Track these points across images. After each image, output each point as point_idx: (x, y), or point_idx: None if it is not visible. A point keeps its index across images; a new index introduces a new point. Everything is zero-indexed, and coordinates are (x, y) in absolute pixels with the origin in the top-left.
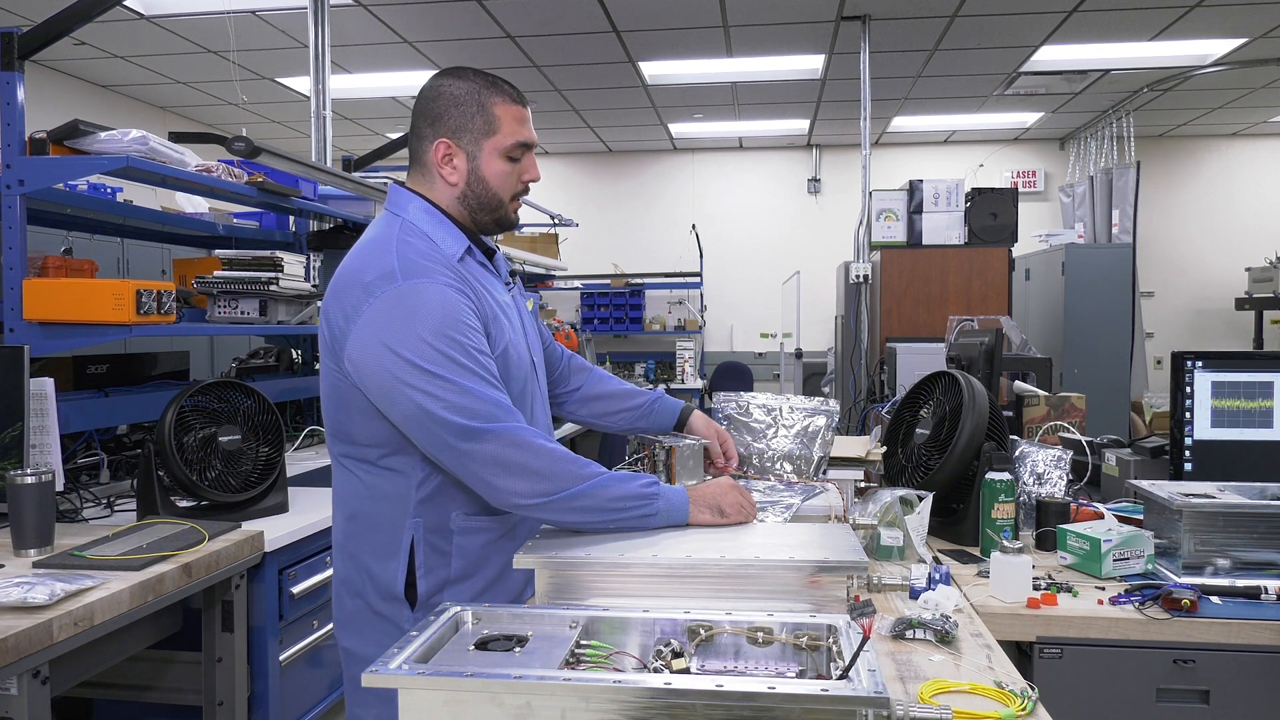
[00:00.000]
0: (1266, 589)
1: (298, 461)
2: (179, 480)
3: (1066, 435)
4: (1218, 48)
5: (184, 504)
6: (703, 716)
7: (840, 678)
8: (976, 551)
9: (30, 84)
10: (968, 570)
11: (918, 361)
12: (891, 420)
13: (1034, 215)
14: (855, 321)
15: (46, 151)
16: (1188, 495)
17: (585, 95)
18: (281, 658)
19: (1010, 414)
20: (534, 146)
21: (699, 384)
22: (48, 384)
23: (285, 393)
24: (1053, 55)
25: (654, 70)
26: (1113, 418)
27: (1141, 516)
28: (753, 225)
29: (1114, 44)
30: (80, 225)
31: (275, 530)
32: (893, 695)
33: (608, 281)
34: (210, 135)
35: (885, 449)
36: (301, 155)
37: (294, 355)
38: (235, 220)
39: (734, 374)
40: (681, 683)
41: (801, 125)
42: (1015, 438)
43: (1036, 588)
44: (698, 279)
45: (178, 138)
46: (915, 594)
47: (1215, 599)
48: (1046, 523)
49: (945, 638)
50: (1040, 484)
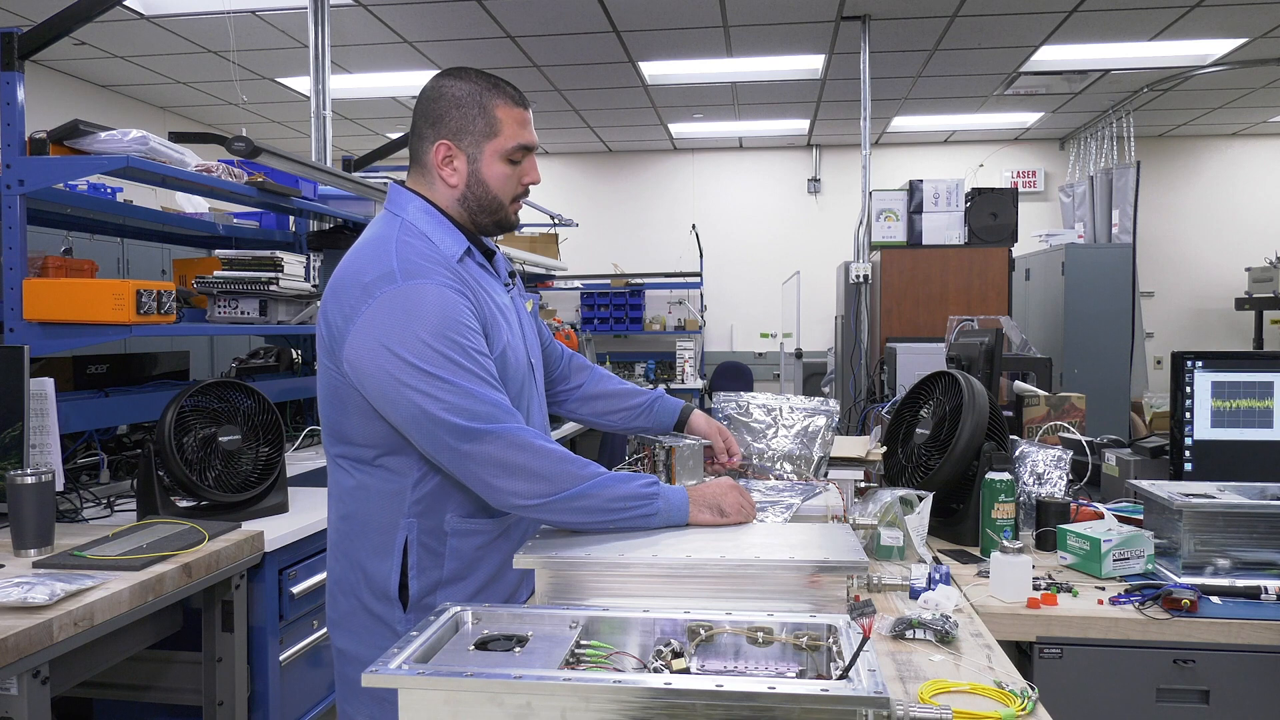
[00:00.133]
0: (1266, 589)
1: (298, 461)
2: (179, 480)
3: (1066, 435)
4: (1218, 48)
5: (184, 504)
6: (703, 716)
7: (840, 678)
8: (976, 551)
9: (30, 84)
10: (968, 570)
11: (918, 361)
12: (891, 420)
13: (1034, 215)
14: (855, 321)
15: (46, 151)
16: (1188, 495)
17: (585, 95)
18: (281, 658)
19: (1010, 414)
20: (535, 149)
21: (699, 384)
22: (48, 384)
23: (285, 393)
24: (1053, 55)
25: (654, 70)
26: (1113, 418)
27: (1141, 516)
28: (753, 225)
29: (1114, 44)
30: (80, 225)
31: (275, 530)
32: (893, 695)
33: (608, 281)
34: (210, 135)
35: (885, 449)
36: (301, 155)
37: (294, 355)
38: (235, 220)
39: (734, 374)
40: (681, 683)
41: (801, 125)
42: (1015, 438)
43: (1036, 588)
44: (698, 279)
45: (178, 138)
46: (915, 594)
47: (1215, 599)
48: (1046, 523)
49: (945, 638)
50: (1040, 484)
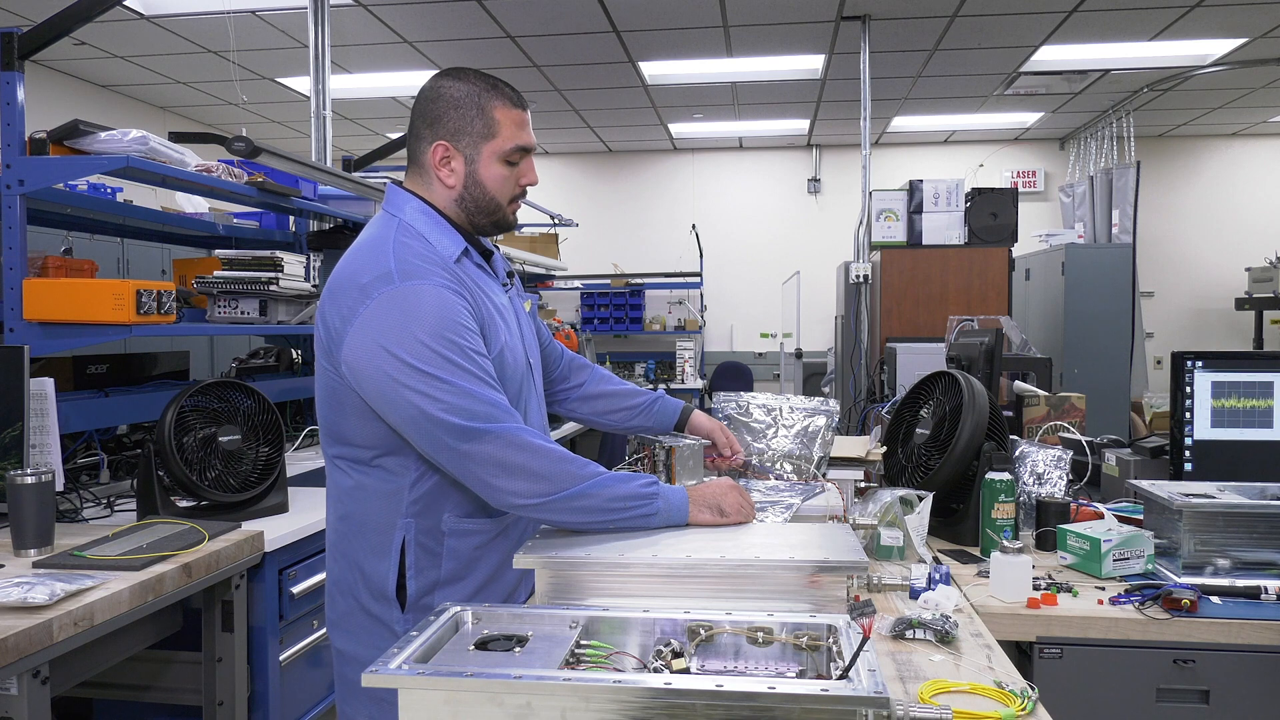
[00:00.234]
0: (1266, 589)
1: (298, 461)
2: (179, 480)
3: (1066, 435)
4: (1218, 48)
5: (184, 504)
6: (703, 716)
7: (840, 678)
8: (976, 551)
9: (30, 84)
10: (968, 570)
11: (918, 361)
12: (891, 420)
13: (1034, 215)
14: (855, 321)
15: (46, 151)
16: (1188, 495)
17: (585, 95)
18: (281, 658)
19: (1010, 414)
20: (533, 150)
21: (699, 384)
22: (48, 384)
23: (285, 393)
24: (1053, 55)
25: (654, 70)
26: (1113, 418)
27: (1141, 516)
28: (753, 225)
29: (1114, 44)
30: (80, 225)
31: (275, 530)
32: (893, 695)
33: (608, 281)
34: (210, 135)
35: (885, 449)
36: (301, 155)
37: (294, 355)
38: (235, 220)
39: (734, 374)
40: (681, 683)
41: (801, 125)
42: (1015, 438)
43: (1036, 588)
44: (698, 279)
45: (178, 138)
46: (915, 594)
47: (1215, 599)
48: (1046, 523)
49: (945, 638)
50: (1040, 484)
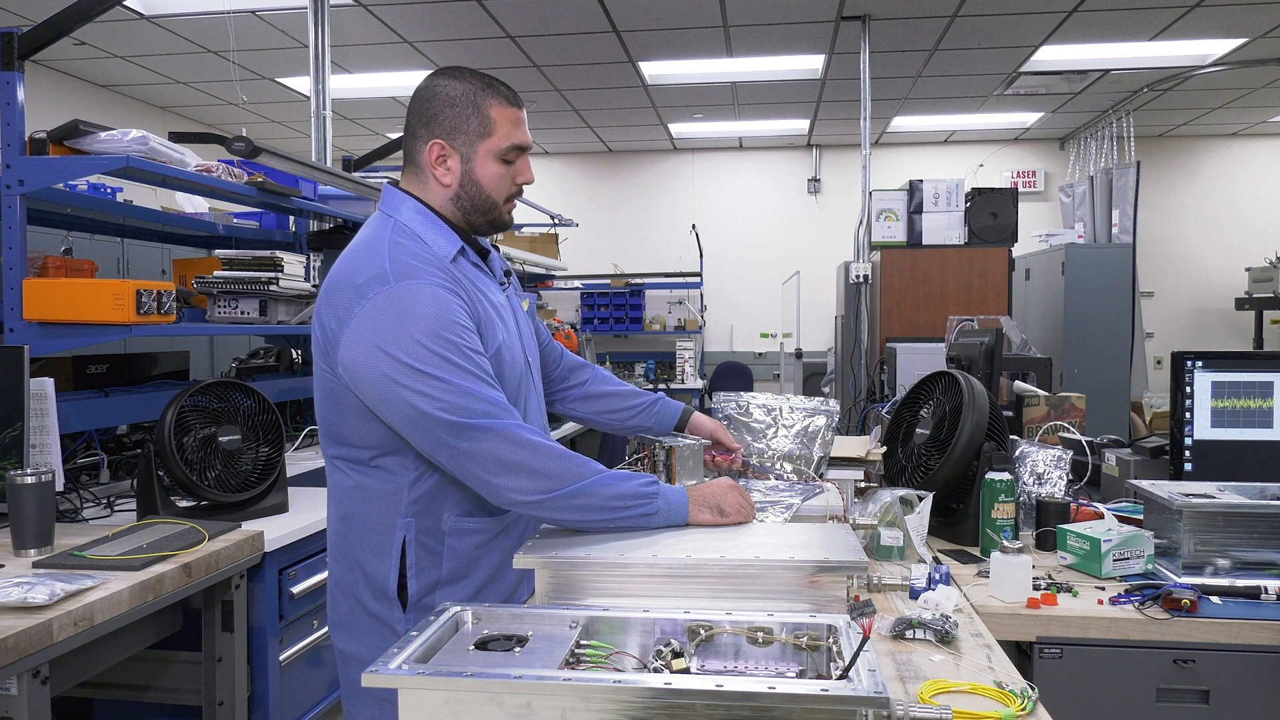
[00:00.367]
0: (1266, 589)
1: (298, 461)
2: (179, 480)
3: (1066, 435)
4: (1218, 48)
5: (184, 504)
6: (703, 716)
7: (840, 678)
8: (976, 551)
9: (30, 84)
10: (968, 570)
11: (918, 361)
12: (891, 420)
13: (1034, 215)
14: (855, 321)
15: (46, 151)
16: (1188, 495)
17: (585, 95)
18: (281, 658)
19: (1010, 414)
20: (529, 149)
21: (699, 384)
22: (48, 384)
23: (285, 393)
24: (1053, 55)
25: (654, 70)
26: (1113, 418)
27: (1141, 516)
28: (753, 225)
29: (1114, 44)
30: (80, 225)
31: (275, 530)
32: (893, 695)
33: (608, 281)
34: (210, 135)
35: (885, 449)
36: (301, 155)
37: (294, 355)
38: (235, 220)
39: (734, 374)
40: (681, 683)
41: (801, 125)
42: (1015, 438)
43: (1036, 588)
44: (698, 279)
45: (178, 138)
46: (915, 594)
47: (1215, 599)
48: (1046, 523)
49: (945, 638)
50: (1040, 484)
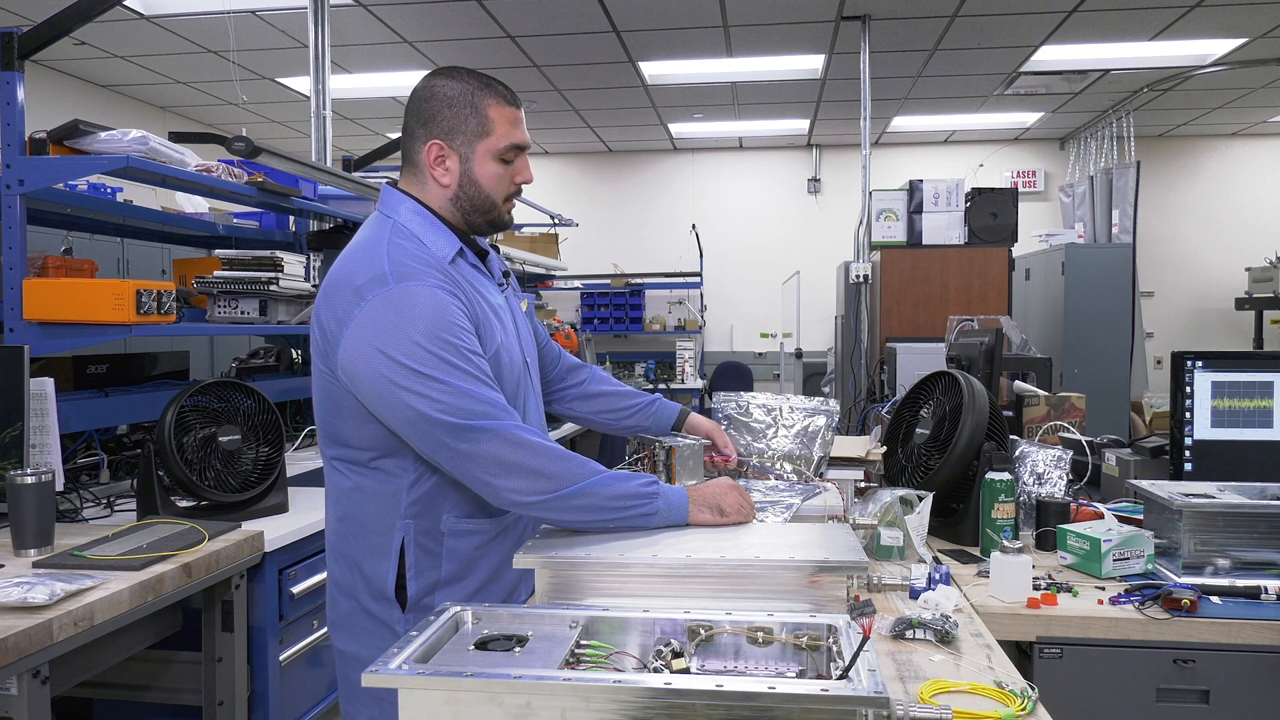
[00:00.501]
0: (1266, 589)
1: (298, 461)
2: (179, 480)
3: (1066, 435)
4: (1218, 48)
5: (184, 504)
6: (703, 716)
7: (840, 678)
8: (976, 551)
9: (30, 84)
10: (968, 570)
11: (918, 361)
12: (891, 420)
13: (1034, 215)
14: (855, 321)
15: (46, 151)
16: (1188, 495)
17: (585, 95)
18: (281, 658)
19: (1010, 414)
20: (527, 148)
21: (699, 384)
22: (48, 384)
23: (285, 393)
24: (1053, 55)
25: (654, 70)
26: (1113, 418)
27: (1141, 516)
28: (753, 225)
29: (1114, 44)
30: (80, 225)
31: (275, 530)
32: (893, 695)
33: (608, 281)
34: (210, 135)
35: (885, 449)
36: (301, 155)
37: (294, 355)
38: (235, 220)
39: (734, 374)
40: (681, 683)
41: (801, 125)
42: (1015, 438)
43: (1036, 588)
44: (698, 279)
45: (178, 138)
46: (915, 594)
47: (1215, 599)
48: (1046, 523)
49: (945, 638)
50: (1040, 484)
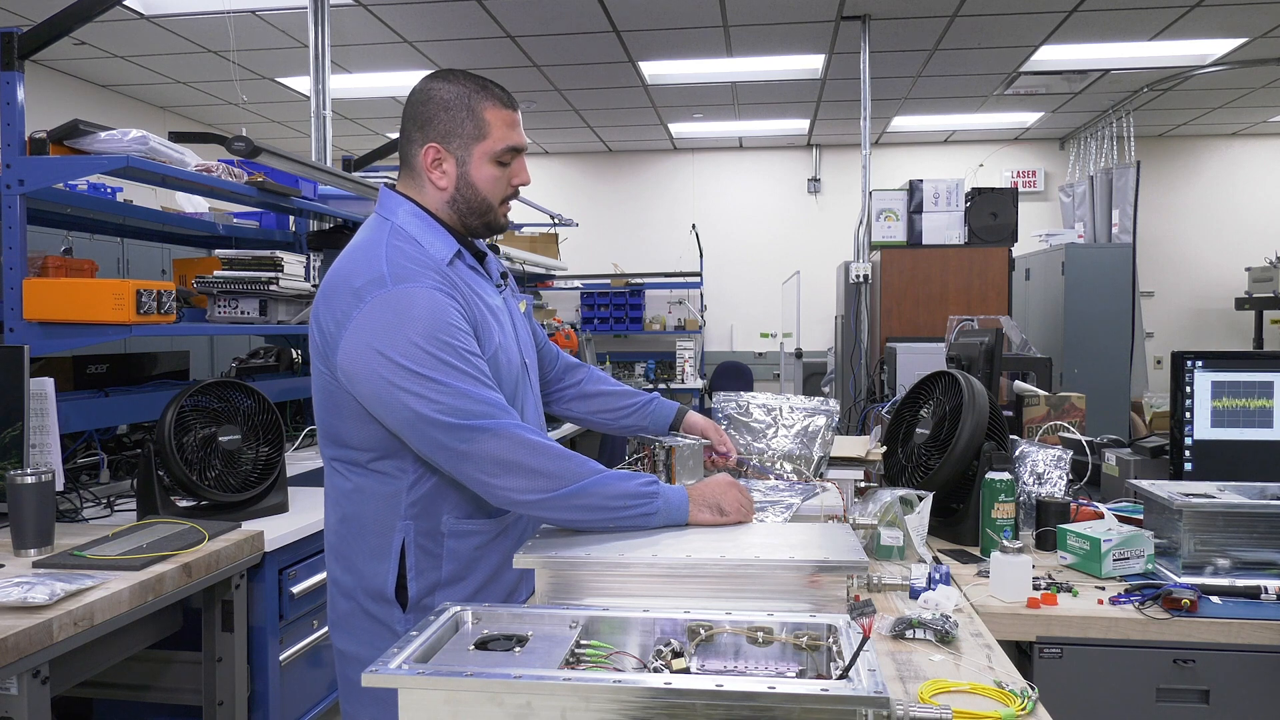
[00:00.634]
0: (1266, 589)
1: (298, 461)
2: (179, 480)
3: (1066, 435)
4: (1218, 48)
5: (184, 504)
6: (703, 716)
7: (840, 677)
8: (976, 551)
9: (30, 84)
10: (968, 570)
11: (918, 361)
12: (891, 420)
13: (1034, 215)
14: (855, 321)
15: (46, 151)
16: (1188, 495)
17: (585, 95)
18: (281, 658)
19: (1010, 414)
20: (524, 150)
21: (699, 384)
22: (48, 384)
23: (285, 393)
24: (1053, 55)
25: (654, 70)
26: (1113, 418)
27: (1141, 516)
28: (753, 225)
29: (1114, 44)
30: (80, 225)
31: (275, 530)
32: (893, 695)
33: (608, 281)
34: (210, 135)
35: (885, 449)
36: (301, 155)
37: (294, 355)
38: (235, 220)
39: (734, 374)
40: (681, 682)
41: (801, 125)
42: (1015, 438)
43: (1036, 588)
44: (698, 279)
45: (178, 138)
46: (915, 594)
47: (1215, 599)
48: (1046, 523)
49: (945, 638)
50: (1040, 484)
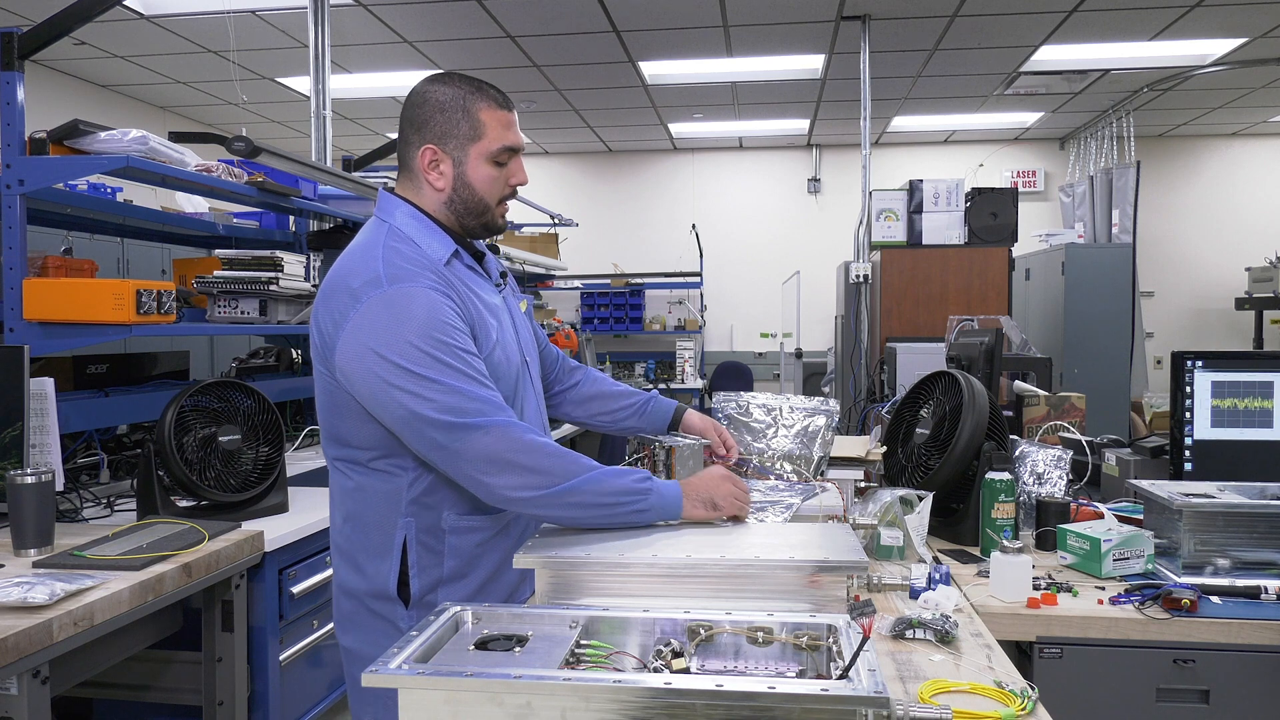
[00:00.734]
0: (1266, 589)
1: (298, 461)
2: (179, 480)
3: (1066, 435)
4: (1218, 48)
5: (184, 504)
6: (703, 716)
7: (840, 677)
8: (976, 551)
9: (30, 84)
10: (968, 570)
11: (918, 361)
12: (891, 420)
13: (1034, 215)
14: (855, 321)
15: (46, 151)
16: (1188, 495)
17: (585, 95)
18: (281, 658)
19: (1010, 414)
20: (520, 150)
21: (699, 384)
22: (48, 384)
23: (285, 393)
24: (1053, 55)
25: (654, 70)
26: (1113, 418)
27: (1141, 516)
28: (753, 225)
29: (1114, 44)
30: (80, 225)
31: (275, 530)
32: (893, 695)
33: (608, 281)
34: (210, 135)
35: (885, 449)
36: (301, 155)
37: (294, 355)
38: (235, 220)
39: (734, 374)
40: (681, 682)
41: (801, 125)
42: (1015, 438)
43: (1036, 587)
44: (698, 279)
45: (178, 138)
46: (915, 594)
47: (1215, 599)
48: (1046, 523)
49: (945, 638)
50: (1040, 484)
